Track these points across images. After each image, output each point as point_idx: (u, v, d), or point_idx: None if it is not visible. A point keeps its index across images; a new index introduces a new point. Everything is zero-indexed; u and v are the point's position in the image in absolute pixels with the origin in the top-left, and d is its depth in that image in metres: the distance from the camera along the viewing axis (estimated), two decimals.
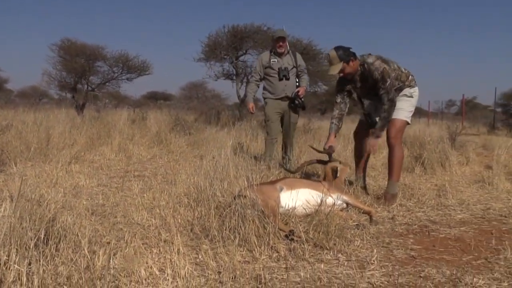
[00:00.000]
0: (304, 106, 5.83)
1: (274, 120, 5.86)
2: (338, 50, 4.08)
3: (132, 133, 8.75)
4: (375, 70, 4.09)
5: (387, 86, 4.09)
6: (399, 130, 4.29)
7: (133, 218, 3.39)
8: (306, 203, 3.45)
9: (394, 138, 4.27)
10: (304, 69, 5.97)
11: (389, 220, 3.65)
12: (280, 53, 5.83)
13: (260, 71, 5.93)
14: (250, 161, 4.01)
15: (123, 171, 5.81)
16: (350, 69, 4.16)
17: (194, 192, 3.60)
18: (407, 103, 4.32)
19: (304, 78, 5.92)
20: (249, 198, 3.06)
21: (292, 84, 5.82)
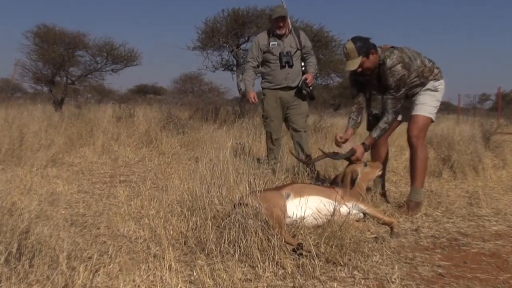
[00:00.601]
0: (313, 96, 5.69)
1: (274, 117, 5.72)
2: (356, 42, 4.05)
3: (118, 132, 8.76)
4: (392, 76, 4.06)
5: (398, 95, 4.12)
6: (422, 128, 4.29)
7: (119, 230, 3.40)
8: (317, 212, 3.45)
9: (417, 138, 4.27)
10: (311, 50, 5.77)
11: (412, 232, 3.64)
12: (281, 35, 5.63)
13: (257, 56, 5.74)
14: (252, 164, 4.01)
15: (107, 175, 5.82)
16: (369, 63, 4.14)
17: (189, 200, 3.60)
18: (431, 98, 4.32)
19: (312, 61, 5.73)
20: (251, 206, 3.05)
21: (296, 72, 5.65)
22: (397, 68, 4.05)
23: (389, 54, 4.12)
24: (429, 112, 4.31)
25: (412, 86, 4.29)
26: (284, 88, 5.66)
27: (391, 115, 4.15)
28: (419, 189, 4.29)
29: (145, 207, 3.93)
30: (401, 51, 4.15)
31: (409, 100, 4.38)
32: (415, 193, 4.28)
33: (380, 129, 4.18)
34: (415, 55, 4.25)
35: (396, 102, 4.13)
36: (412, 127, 4.29)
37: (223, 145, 5.75)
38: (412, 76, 4.21)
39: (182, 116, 11.59)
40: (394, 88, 4.08)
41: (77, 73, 18.73)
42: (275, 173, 4.81)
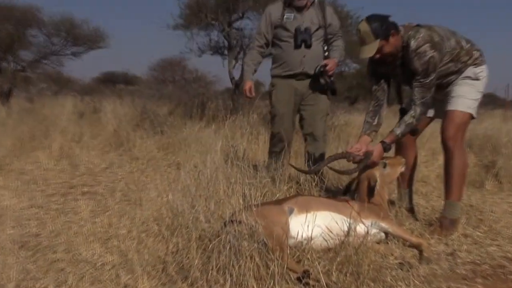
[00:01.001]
0: (334, 89, 5.47)
1: (285, 116, 5.49)
2: (372, 22, 4.03)
3: (80, 132, 8.76)
4: (418, 59, 4.06)
5: (427, 82, 4.10)
6: (460, 127, 4.29)
7: (80, 254, 3.40)
8: (327, 232, 3.46)
9: (453, 139, 4.27)
10: (339, 30, 5.61)
11: (447, 257, 3.65)
12: (300, 7, 5.43)
13: (266, 32, 5.55)
14: (247, 172, 4.02)
15: (66, 186, 5.83)
16: (390, 47, 4.14)
17: (168, 217, 3.60)
18: (470, 89, 4.32)
19: (338, 45, 5.56)
20: (246, 224, 3.06)
21: (315, 55, 5.42)
22: (424, 48, 4.04)
23: (414, 33, 4.10)
24: (468, 107, 4.31)
25: (446, 74, 4.29)
26: (298, 76, 5.47)
27: (418, 107, 4.13)
28: (456, 203, 4.29)
29: (114, 225, 3.94)
30: (429, 29, 4.14)
31: (442, 91, 4.39)
32: (451, 208, 4.28)
33: (405, 124, 4.17)
34: (448, 34, 4.24)
35: (424, 91, 4.12)
36: (447, 125, 4.29)
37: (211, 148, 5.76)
38: (445, 60, 4.20)
39: (160, 112, 11.59)
40: (421, 73, 4.07)
41: (28, 58, 18.72)
42: (276, 182, 4.81)
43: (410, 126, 4.18)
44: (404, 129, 4.19)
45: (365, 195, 4.03)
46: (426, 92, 4.11)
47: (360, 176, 4.16)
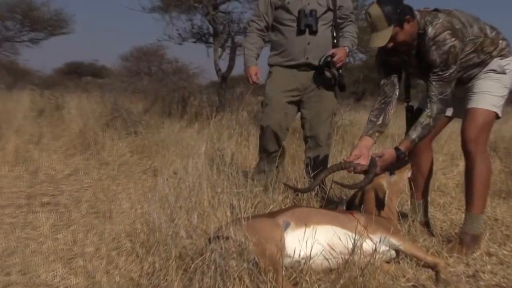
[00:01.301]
0: (343, 84, 5.42)
1: (278, 106, 5.39)
2: (385, 6, 4.01)
3: (39, 133, 8.74)
4: (436, 48, 4.07)
5: (447, 75, 4.12)
6: (484, 128, 4.30)
7: (39, 276, 3.40)
8: (329, 249, 3.47)
9: (475, 142, 4.28)
10: (351, 14, 5.59)
11: (468, 280, 3.67)
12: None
13: (266, 14, 5.52)
14: (236, 180, 4.03)
15: (22, 196, 5.81)
16: (405, 35, 4.15)
17: (143, 232, 3.61)
18: (495, 84, 4.34)
19: (350, 31, 5.53)
20: (234, 240, 3.07)
21: (322, 42, 5.39)
22: (444, 36, 4.06)
23: (431, 19, 4.12)
24: (492, 104, 4.32)
25: (468, 66, 4.31)
26: (301, 67, 5.42)
27: (436, 105, 4.14)
28: (478, 216, 4.30)
29: (79, 242, 3.94)
30: (448, 14, 4.16)
31: (463, 87, 4.41)
32: (473, 222, 4.28)
33: (422, 126, 4.17)
34: (471, 20, 4.26)
35: (443, 86, 4.12)
36: (468, 126, 4.30)
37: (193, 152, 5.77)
38: (467, 50, 4.21)
39: (133, 109, 11.59)
40: (440, 65, 4.08)
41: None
42: (269, 191, 4.81)
43: (428, 128, 4.18)
44: (421, 132, 4.18)
45: (372, 208, 4.04)
46: (445, 87, 4.11)
47: (368, 186, 4.17)
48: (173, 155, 7.20)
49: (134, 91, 17.97)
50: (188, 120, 11.74)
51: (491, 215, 5.26)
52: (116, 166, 7.43)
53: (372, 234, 3.65)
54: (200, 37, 16.68)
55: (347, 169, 4.23)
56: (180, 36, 16.51)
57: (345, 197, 5.43)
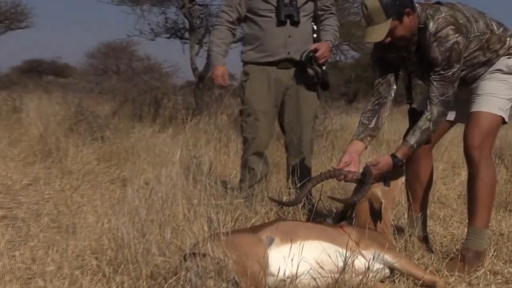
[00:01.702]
0: (327, 82, 5.40)
1: (262, 114, 5.39)
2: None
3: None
4: (438, 45, 4.08)
5: (449, 75, 4.13)
6: (488, 134, 4.31)
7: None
8: (318, 268, 3.48)
9: (479, 148, 4.30)
10: (332, 6, 5.63)
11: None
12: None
13: (239, 4, 5.47)
14: (214, 191, 4.03)
15: None
16: (404, 30, 4.16)
17: (111, 248, 3.60)
18: (502, 85, 4.36)
19: (331, 24, 5.57)
20: (212, 258, 3.07)
21: (304, 35, 5.40)
22: (446, 33, 4.08)
23: (433, 13, 4.13)
24: (498, 108, 4.32)
25: (472, 65, 4.33)
26: (281, 63, 5.39)
27: (436, 107, 4.14)
28: (482, 230, 4.30)
29: (39, 259, 3.92)
30: (452, 8, 4.18)
31: (467, 88, 4.43)
32: (476, 237, 4.29)
33: (421, 130, 4.17)
34: (476, 15, 4.27)
35: (445, 87, 4.13)
36: (471, 131, 4.30)
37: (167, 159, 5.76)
38: (472, 47, 4.22)
39: (100, 112, 11.58)
40: (442, 63, 4.09)
41: None
42: (252, 204, 4.81)
43: (427, 132, 4.17)
44: (420, 138, 4.16)
45: (365, 221, 4.03)
46: (447, 87, 4.11)
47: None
48: (144, 163, 7.19)
49: (101, 91, 17.99)
50: (161, 124, 11.74)
51: (496, 229, 5.29)
52: (81, 176, 7.41)
53: (364, 250, 3.65)
54: (175, 32, 16.66)
55: (337, 177, 4.22)
56: (153, 31, 16.47)
57: (335, 209, 5.44)
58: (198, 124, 9.94)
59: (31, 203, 6.09)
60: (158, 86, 16.18)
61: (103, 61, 27.55)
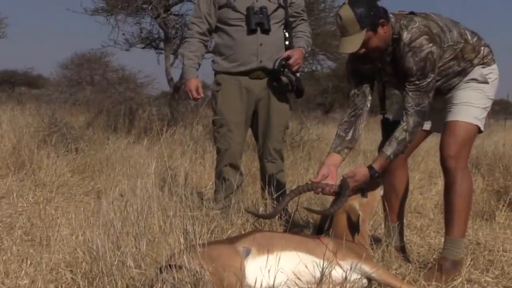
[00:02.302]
0: (300, 89, 5.39)
1: (235, 125, 5.40)
2: (358, 7, 4.02)
3: None
4: (413, 55, 4.11)
5: (424, 85, 4.15)
6: (464, 143, 4.35)
7: None
8: (294, 278, 3.48)
9: (455, 158, 4.33)
10: (303, 12, 5.65)
11: None
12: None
13: (208, 14, 5.47)
14: (190, 202, 4.03)
15: None
16: (378, 41, 4.18)
17: (85, 261, 3.58)
18: (477, 94, 4.40)
19: (302, 30, 5.60)
20: (188, 270, 3.07)
21: (275, 43, 5.40)
22: (420, 42, 4.11)
23: (406, 23, 4.16)
24: (474, 117, 4.36)
25: (447, 75, 4.36)
26: (254, 72, 5.38)
27: (412, 117, 4.16)
28: (459, 239, 4.35)
29: (13, 273, 3.89)
30: (425, 18, 4.21)
31: (442, 98, 4.46)
32: (453, 246, 4.33)
33: (397, 141, 4.19)
34: (450, 25, 4.30)
35: (421, 97, 4.15)
36: (447, 141, 4.34)
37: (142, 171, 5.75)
38: (446, 56, 4.25)
39: (74, 123, 11.54)
40: (417, 73, 4.11)
41: None
42: (228, 215, 4.82)
43: (404, 143, 4.19)
44: (397, 148, 4.18)
45: (343, 232, 4.04)
46: (422, 97, 4.14)
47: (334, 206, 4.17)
48: (119, 175, 7.17)
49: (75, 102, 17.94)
50: (136, 136, 11.70)
51: (473, 238, 5.33)
52: (54, 188, 7.36)
53: (342, 261, 3.66)
54: (150, 43, 16.63)
55: (314, 190, 4.24)
56: (127, 41, 16.43)
57: (312, 220, 5.45)
58: (174, 135, 9.93)
59: (3, 216, 6.05)
60: (133, 97, 16.14)
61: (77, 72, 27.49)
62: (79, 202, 6.63)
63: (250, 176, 6.57)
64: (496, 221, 6.06)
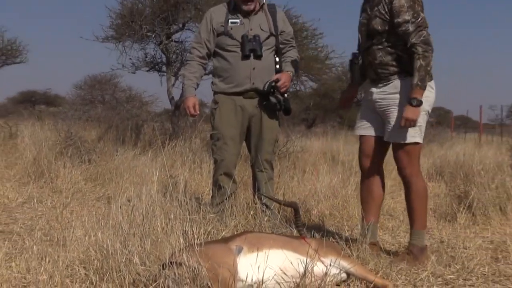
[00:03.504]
0: (288, 108, 5.42)
1: (230, 139, 5.42)
2: None
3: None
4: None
5: (421, 20, 4.34)
6: (413, 155, 4.55)
7: None
8: (281, 274, 3.48)
9: (408, 167, 4.54)
10: (292, 39, 5.64)
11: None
12: (247, 11, 5.40)
13: (207, 40, 5.48)
14: (189, 206, 4.03)
15: None
16: None
17: (97, 259, 3.57)
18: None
19: (291, 56, 5.57)
20: (187, 266, 3.07)
21: (267, 67, 5.40)
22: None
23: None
24: (412, 136, 4.48)
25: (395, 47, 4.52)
26: (247, 93, 5.39)
27: (420, 46, 4.32)
28: (422, 231, 4.56)
29: (33, 269, 3.87)
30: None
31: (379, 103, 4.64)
32: (418, 236, 4.54)
33: (417, 70, 4.32)
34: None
35: (421, 32, 4.33)
36: (399, 156, 4.57)
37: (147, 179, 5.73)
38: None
39: (87, 137, 11.53)
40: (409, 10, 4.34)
41: None
42: (223, 218, 4.82)
43: (423, 68, 4.29)
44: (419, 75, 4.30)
45: None
46: (422, 32, 4.34)
47: None
48: (127, 183, 7.16)
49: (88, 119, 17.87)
50: (142, 148, 11.65)
51: (438, 237, 5.37)
52: (70, 194, 7.35)
53: (323, 258, 3.67)
54: (153, 66, 16.58)
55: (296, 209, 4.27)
56: (134, 65, 16.34)
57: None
58: (175, 147, 9.89)
59: (25, 219, 6.04)
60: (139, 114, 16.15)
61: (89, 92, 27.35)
62: (92, 206, 6.61)
63: (243, 184, 6.56)
64: (458, 222, 6.07)
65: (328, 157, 11.50)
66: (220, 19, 5.42)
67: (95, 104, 22.64)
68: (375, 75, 4.61)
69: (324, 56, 17.36)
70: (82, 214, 5.86)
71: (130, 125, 14.56)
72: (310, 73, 17.50)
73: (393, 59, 4.50)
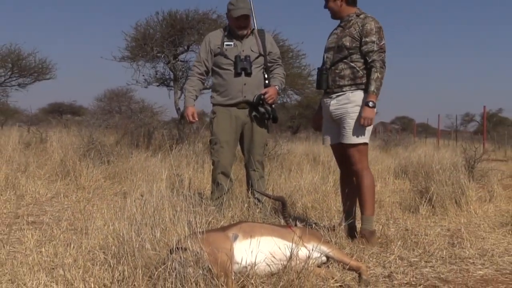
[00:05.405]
0: (275, 117, 5.45)
1: (226, 143, 5.46)
2: None
3: (26, 162, 8.58)
4: (372, 20, 4.58)
5: (383, 44, 4.56)
6: (362, 153, 4.69)
7: (25, 284, 3.32)
8: (271, 257, 3.47)
9: (359, 163, 4.68)
10: (278, 58, 5.67)
11: (384, 279, 3.71)
12: (240, 35, 5.49)
13: (206, 60, 5.54)
14: (193, 200, 4.01)
15: (11, 216, 5.69)
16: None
17: (114, 245, 3.55)
18: (358, 120, 4.62)
19: (278, 73, 5.61)
20: (191, 251, 3.05)
21: (256, 83, 5.43)
22: (375, 20, 4.62)
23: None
24: (361, 137, 4.64)
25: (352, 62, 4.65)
26: (240, 104, 5.43)
27: (378, 62, 4.55)
28: (371, 217, 4.69)
29: (60, 254, 3.86)
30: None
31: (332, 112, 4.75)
32: (368, 221, 4.66)
33: (374, 80, 4.54)
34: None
35: (380, 54, 4.57)
36: (351, 154, 4.69)
37: (157, 177, 5.72)
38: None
39: (106, 142, 11.48)
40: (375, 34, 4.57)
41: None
42: (221, 210, 4.82)
43: (378, 80, 4.54)
44: (376, 84, 4.53)
45: None
46: (381, 54, 4.56)
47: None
48: (140, 180, 7.12)
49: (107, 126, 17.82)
50: (153, 151, 11.66)
51: (403, 226, 5.38)
52: (92, 190, 7.35)
53: (306, 243, 3.67)
54: (163, 82, 16.67)
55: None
56: (146, 81, 16.51)
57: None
58: (181, 150, 9.88)
59: (53, 211, 6.02)
60: (150, 122, 16.10)
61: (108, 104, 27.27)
62: (110, 200, 6.59)
63: (238, 181, 6.55)
64: (420, 213, 6.09)
65: (310, 158, 11.58)
66: (217, 41, 5.51)
67: (113, 113, 22.56)
68: (331, 85, 4.73)
69: (307, 73, 17.51)
70: (102, 207, 5.85)
71: (143, 132, 14.57)
72: (295, 87, 17.67)
73: (351, 73, 4.63)
